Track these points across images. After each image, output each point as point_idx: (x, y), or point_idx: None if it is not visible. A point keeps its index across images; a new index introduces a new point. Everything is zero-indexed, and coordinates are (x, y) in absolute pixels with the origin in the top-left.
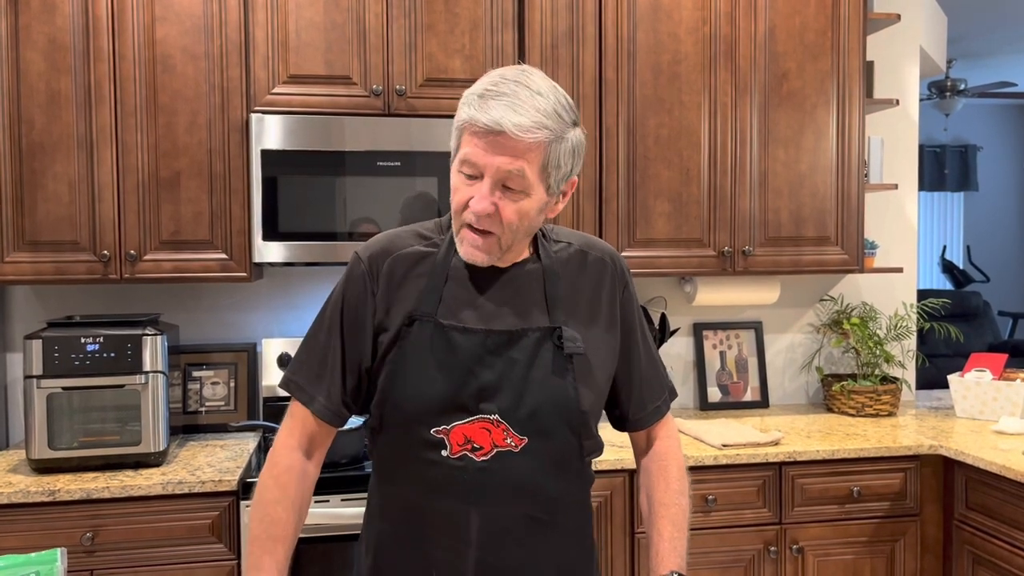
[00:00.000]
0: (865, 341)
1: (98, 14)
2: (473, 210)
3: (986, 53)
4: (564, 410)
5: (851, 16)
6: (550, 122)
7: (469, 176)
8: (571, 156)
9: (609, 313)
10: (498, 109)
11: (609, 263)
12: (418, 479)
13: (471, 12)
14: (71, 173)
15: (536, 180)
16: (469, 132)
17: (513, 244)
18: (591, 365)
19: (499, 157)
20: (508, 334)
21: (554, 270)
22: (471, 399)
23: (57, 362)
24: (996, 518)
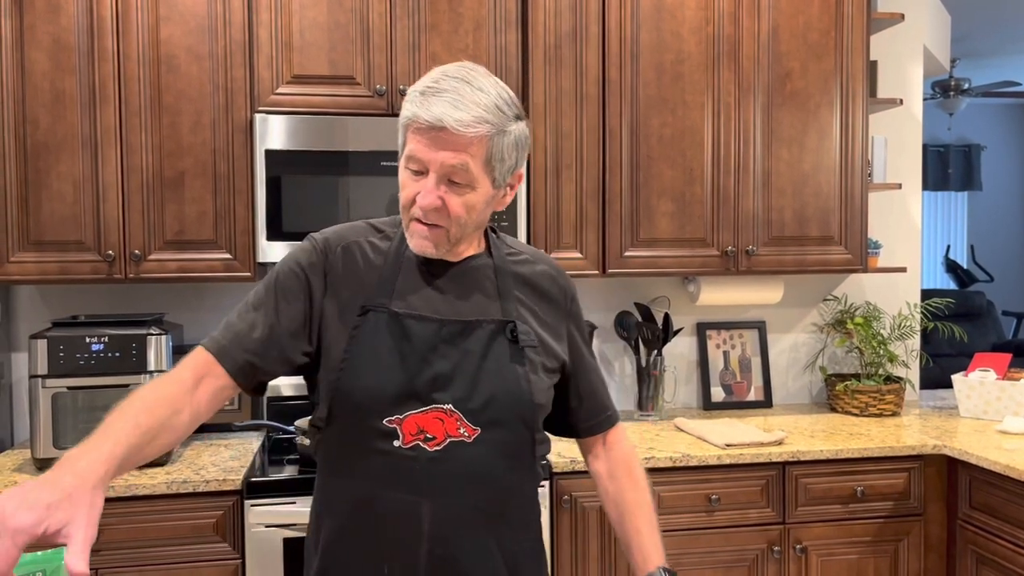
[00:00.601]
0: (869, 341)
1: (103, 14)
2: (420, 205)
3: (990, 52)
4: (517, 402)
5: (855, 16)
6: (491, 116)
7: (415, 172)
8: (515, 149)
9: (556, 323)
10: (439, 106)
11: (557, 277)
12: (369, 471)
13: (475, 12)
14: (76, 173)
15: (481, 173)
16: (413, 129)
17: (462, 237)
18: (541, 363)
19: (442, 152)
20: (463, 324)
21: (505, 268)
22: (425, 388)
23: (62, 362)
24: (1000, 518)
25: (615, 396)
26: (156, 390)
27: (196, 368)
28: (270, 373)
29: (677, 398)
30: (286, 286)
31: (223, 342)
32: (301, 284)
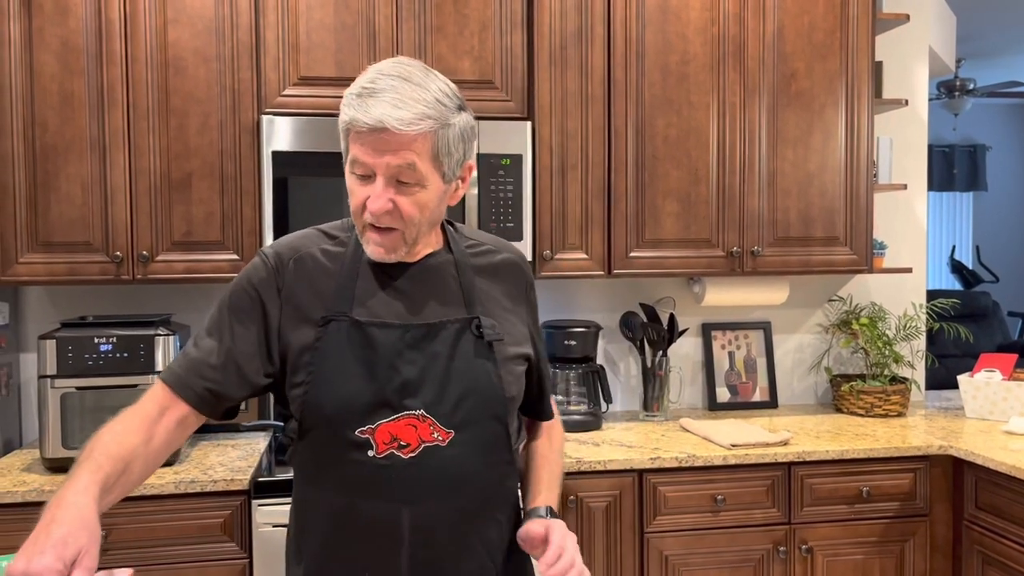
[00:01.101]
0: (874, 341)
1: (111, 17)
2: (371, 210)
3: (995, 52)
4: (489, 399)
5: (860, 16)
6: (433, 111)
7: (362, 176)
8: (461, 141)
9: (520, 311)
10: (378, 106)
11: (520, 263)
12: (344, 482)
13: (480, 13)
14: (84, 175)
15: (429, 170)
16: (354, 133)
17: (418, 236)
18: (510, 354)
19: (387, 155)
20: (427, 327)
21: (466, 263)
22: (394, 396)
23: (71, 362)
24: (1006, 518)
25: (621, 396)
26: (123, 423)
27: (157, 401)
28: (233, 399)
29: (682, 398)
30: (239, 307)
31: (180, 373)
32: (254, 303)
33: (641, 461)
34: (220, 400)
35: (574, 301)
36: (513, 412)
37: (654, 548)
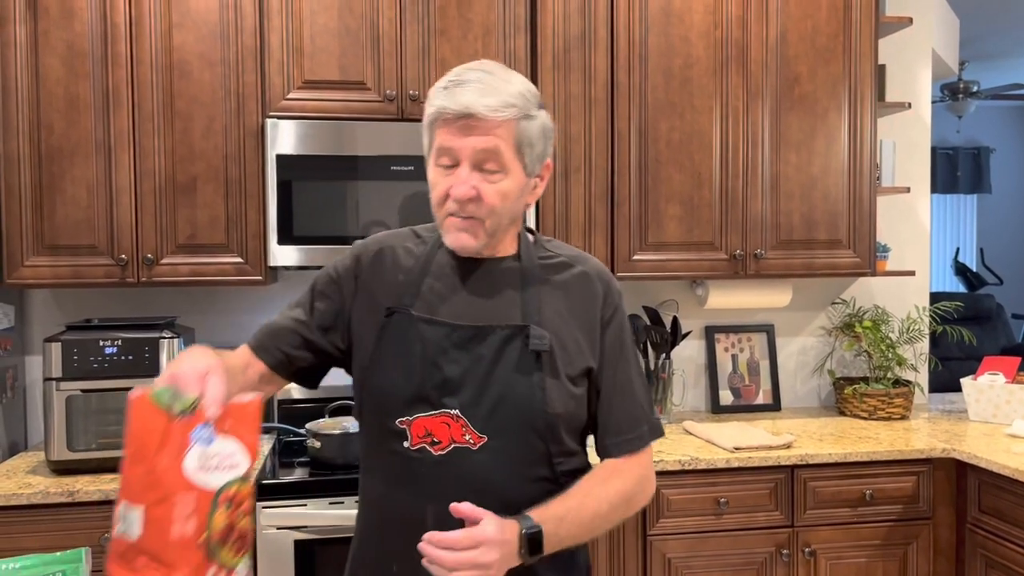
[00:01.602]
0: (877, 344)
1: (116, 20)
2: (455, 196)
3: (999, 55)
4: (526, 410)
5: (863, 20)
6: (516, 100)
7: (446, 167)
8: (542, 136)
9: (588, 328)
10: (466, 94)
11: (597, 281)
12: (383, 470)
13: (484, 17)
14: (89, 177)
15: (512, 159)
16: (441, 122)
17: (498, 229)
18: (562, 370)
19: (473, 138)
20: (475, 329)
21: (533, 272)
22: (434, 392)
23: (76, 365)
24: (1009, 522)
25: None
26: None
27: (243, 356)
28: (304, 361)
29: (685, 401)
30: (321, 288)
31: (261, 338)
32: (335, 287)
33: None
34: (292, 363)
35: None
36: (560, 429)
37: (657, 551)
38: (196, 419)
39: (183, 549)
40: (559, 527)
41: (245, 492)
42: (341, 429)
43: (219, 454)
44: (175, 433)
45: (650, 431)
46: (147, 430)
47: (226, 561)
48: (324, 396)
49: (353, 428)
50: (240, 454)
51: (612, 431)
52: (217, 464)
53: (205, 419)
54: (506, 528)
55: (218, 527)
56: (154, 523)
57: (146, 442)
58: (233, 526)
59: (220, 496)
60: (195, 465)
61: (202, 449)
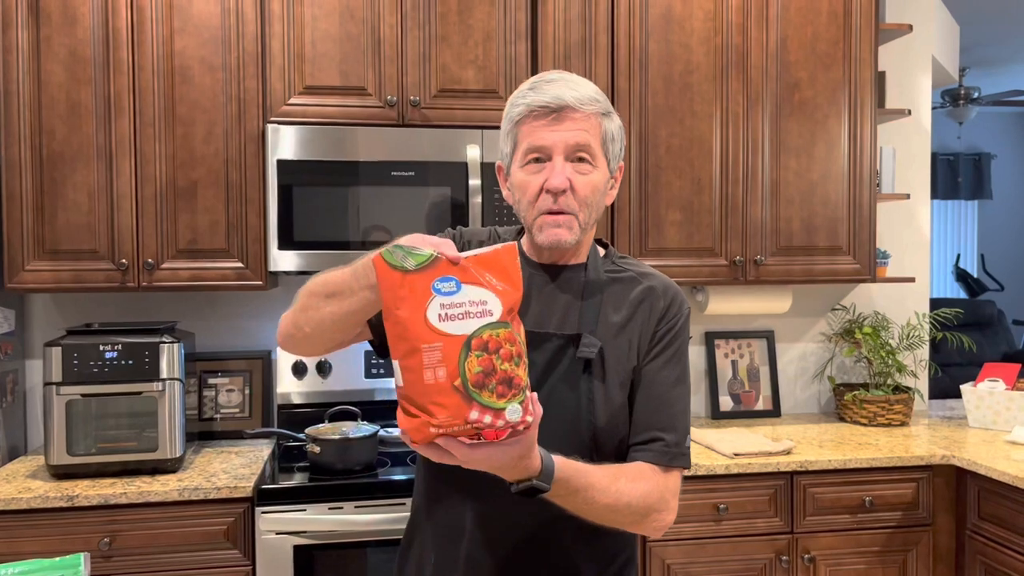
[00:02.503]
0: (877, 351)
1: (118, 26)
2: (550, 186)
3: (999, 61)
4: (572, 419)
5: (863, 27)
6: (600, 96)
7: (537, 162)
8: (620, 134)
9: (640, 341)
10: (555, 89)
11: (661, 298)
12: (433, 466)
13: (485, 23)
14: (91, 183)
15: (599, 152)
16: (530, 119)
17: (588, 226)
18: (610, 381)
19: (566, 130)
20: (531, 335)
21: (597, 284)
22: None
23: (76, 369)
24: (1009, 528)
25: None
26: None
27: None
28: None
29: None
30: None
31: None
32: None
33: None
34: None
35: None
36: (606, 442)
37: (656, 557)
38: (437, 271)
39: (438, 394)
40: (570, 497)
41: (504, 337)
42: (340, 434)
43: (465, 303)
44: (414, 286)
45: (678, 455)
46: (386, 287)
47: (490, 403)
48: (324, 401)
49: (352, 433)
50: (493, 301)
51: (639, 433)
52: (464, 312)
53: (447, 271)
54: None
55: (472, 371)
56: (409, 372)
57: (387, 299)
58: (493, 370)
59: (472, 342)
60: (438, 315)
61: (445, 299)
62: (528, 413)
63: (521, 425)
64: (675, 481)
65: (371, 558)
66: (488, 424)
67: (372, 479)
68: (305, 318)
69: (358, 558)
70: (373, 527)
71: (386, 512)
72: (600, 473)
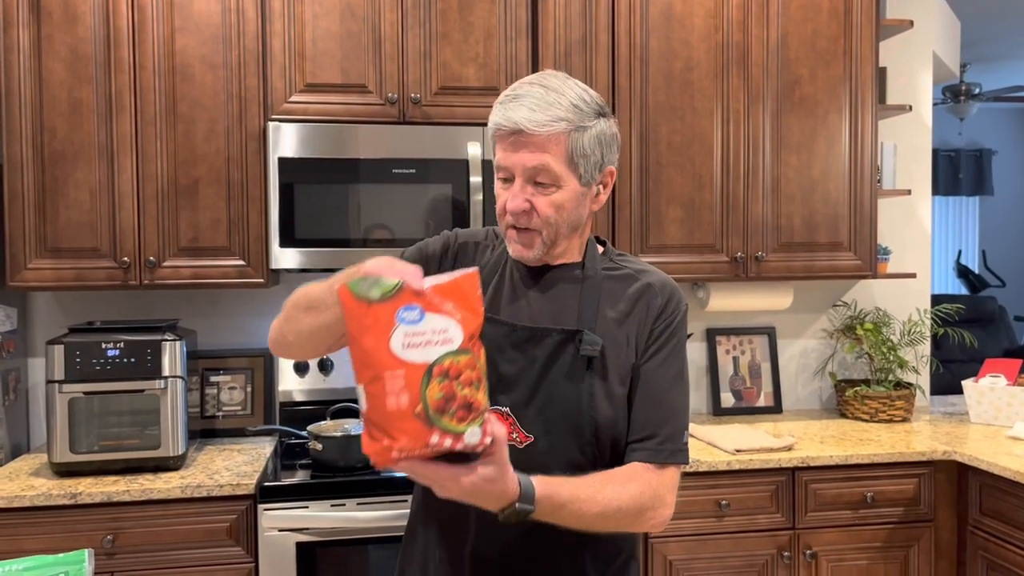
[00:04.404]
0: (878, 346)
1: (119, 25)
2: (509, 209)
3: (1000, 57)
4: (574, 414)
5: (863, 23)
6: (566, 114)
7: (504, 180)
8: (598, 145)
9: (638, 337)
10: (517, 110)
11: (659, 295)
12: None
13: (485, 21)
14: (92, 181)
15: (564, 171)
16: (497, 137)
17: (556, 238)
18: (611, 377)
19: (522, 154)
20: (531, 331)
21: (595, 281)
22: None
23: (78, 367)
24: (1011, 524)
25: None
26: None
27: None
28: None
29: None
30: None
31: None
32: (424, 260)
33: None
34: None
35: None
36: (607, 437)
37: (658, 553)
38: (401, 300)
39: (400, 420)
40: (557, 512)
41: (464, 363)
42: (342, 431)
43: (428, 331)
44: (379, 316)
45: (674, 451)
46: (352, 317)
47: (450, 427)
48: (326, 399)
49: (354, 431)
50: (454, 329)
51: (636, 431)
52: (426, 340)
53: (410, 300)
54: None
55: (434, 398)
56: (373, 397)
57: (352, 328)
58: (454, 395)
59: (434, 369)
60: (401, 343)
61: (409, 328)
62: (487, 434)
63: (480, 447)
64: (671, 477)
65: (373, 555)
66: (448, 447)
67: (374, 476)
68: (288, 328)
69: (360, 555)
70: (375, 524)
71: (388, 509)
72: (585, 483)
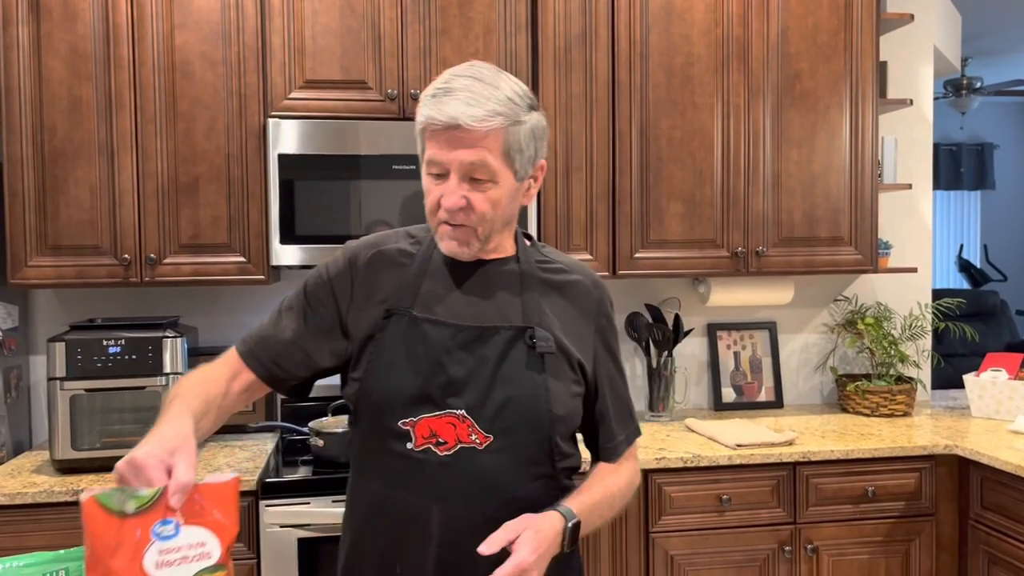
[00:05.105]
0: (879, 341)
1: (118, 22)
2: (445, 207)
3: (1002, 51)
4: (532, 410)
5: (864, 17)
6: (503, 108)
7: (437, 175)
8: (532, 139)
9: (584, 333)
10: (452, 105)
11: (591, 289)
12: (384, 472)
13: (485, 16)
14: (92, 178)
15: (501, 166)
16: (429, 132)
17: (491, 234)
18: (563, 373)
19: (460, 151)
20: (479, 330)
21: (532, 275)
22: (439, 392)
23: (80, 364)
24: (1012, 518)
25: None
26: (205, 373)
27: (230, 364)
28: (296, 378)
29: (688, 399)
30: (315, 294)
31: (252, 345)
32: (328, 291)
33: (647, 461)
34: (286, 379)
35: None
36: (563, 432)
37: (659, 548)
38: (157, 513)
39: None
40: (590, 516)
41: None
42: (344, 427)
43: (184, 546)
44: (132, 531)
45: (635, 431)
46: (98, 534)
47: None
48: (327, 395)
49: None
50: (212, 542)
51: (610, 436)
52: (182, 557)
53: (167, 513)
54: (545, 527)
55: None
56: None
57: (98, 547)
58: None
59: None
60: (155, 562)
61: (164, 544)
62: None
63: None
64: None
65: None
66: None
67: None
68: None
69: None
70: None
71: None
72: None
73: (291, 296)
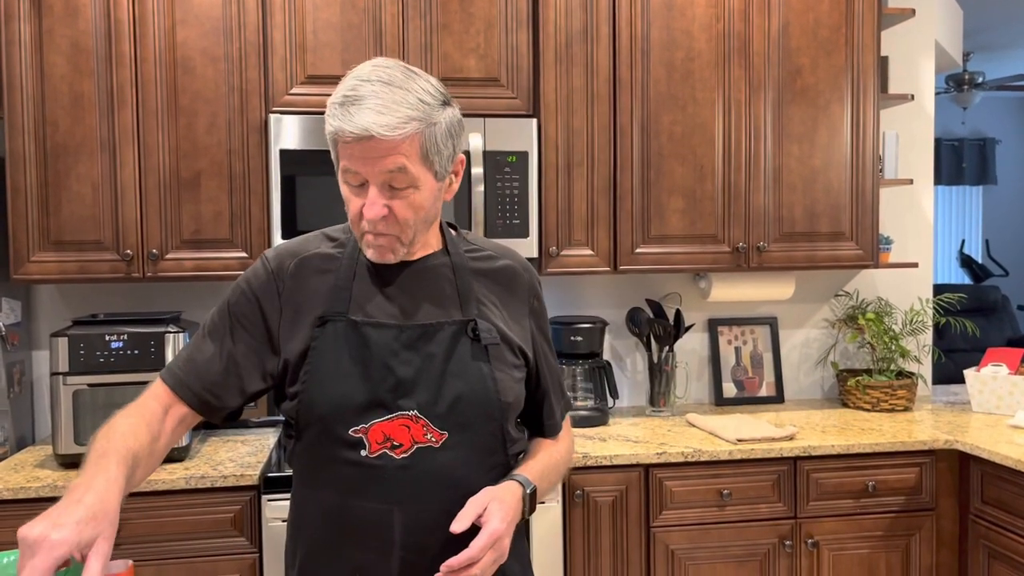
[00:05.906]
0: (880, 336)
1: (120, 18)
2: (368, 218)
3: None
4: (484, 402)
5: (865, 12)
6: (416, 112)
7: (356, 185)
8: (449, 137)
9: (520, 318)
10: (362, 114)
11: (522, 272)
12: (338, 481)
13: (486, 12)
14: (94, 174)
15: (420, 171)
16: (342, 143)
17: (416, 237)
18: (507, 359)
19: (376, 161)
20: (422, 328)
21: (463, 266)
22: (388, 396)
23: (82, 359)
24: (1012, 512)
25: (627, 392)
26: (134, 418)
27: (160, 399)
28: (230, 407)
29: (689, 394)
30: (240, 312)
31: (180, 375)
32: (254, 308)
33: (647, 456)
34: (219, 406)
35: (580, 297)
36: (511, 418)
37: (660, 542)
38: None
39: None
40: (542, 483)
41: None
42: None
43: None
44: None
45: (568, 403)
46: None
47: None
48: None
49: None
50: None
51: (551, 412)
52: None
53: None
54: (507, 496)
55: None
56: None
57: None
58: None
59: None
60: None
61: None
62: None
63: None
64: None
65: None
66: None
67: None
68: None
69: None
70: None
71: None
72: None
73: (213, 318)
